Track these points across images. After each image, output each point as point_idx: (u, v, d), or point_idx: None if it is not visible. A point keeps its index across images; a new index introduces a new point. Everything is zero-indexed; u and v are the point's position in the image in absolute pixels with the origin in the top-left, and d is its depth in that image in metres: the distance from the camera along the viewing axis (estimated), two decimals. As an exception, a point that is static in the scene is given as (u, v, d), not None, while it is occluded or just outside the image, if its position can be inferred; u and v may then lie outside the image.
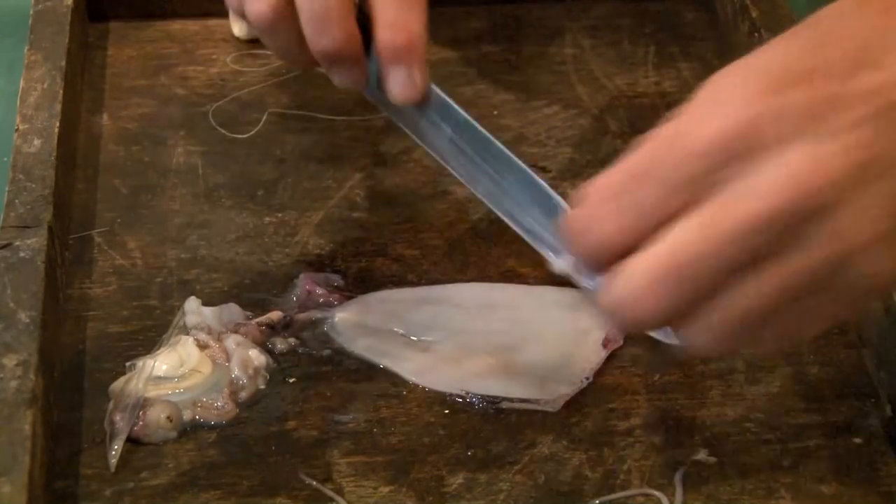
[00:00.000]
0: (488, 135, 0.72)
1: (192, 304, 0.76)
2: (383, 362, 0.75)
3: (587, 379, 0.73)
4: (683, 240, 0.57)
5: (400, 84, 0.70)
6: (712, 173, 0.57)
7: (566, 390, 0.73)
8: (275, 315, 0.77)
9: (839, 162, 0.57)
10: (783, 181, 0.56)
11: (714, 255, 0.56)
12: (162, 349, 0.74)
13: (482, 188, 0.72)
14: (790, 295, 0.58)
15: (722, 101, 0.58)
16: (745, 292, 0.58)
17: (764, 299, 0.58)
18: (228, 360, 0.73)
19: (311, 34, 0.70)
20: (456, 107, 0.72)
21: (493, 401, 0.72)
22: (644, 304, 0.57)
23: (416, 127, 0.73)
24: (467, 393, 0.73)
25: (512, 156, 0.71)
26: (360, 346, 0.76)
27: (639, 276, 0.57)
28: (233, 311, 0.76)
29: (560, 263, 0.71)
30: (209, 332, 0.75)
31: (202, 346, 0.74)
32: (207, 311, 0.76)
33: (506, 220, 0.72)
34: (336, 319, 0.77)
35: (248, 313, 0.77)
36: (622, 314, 0.58)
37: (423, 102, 0.71)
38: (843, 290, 0.59)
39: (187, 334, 0.74)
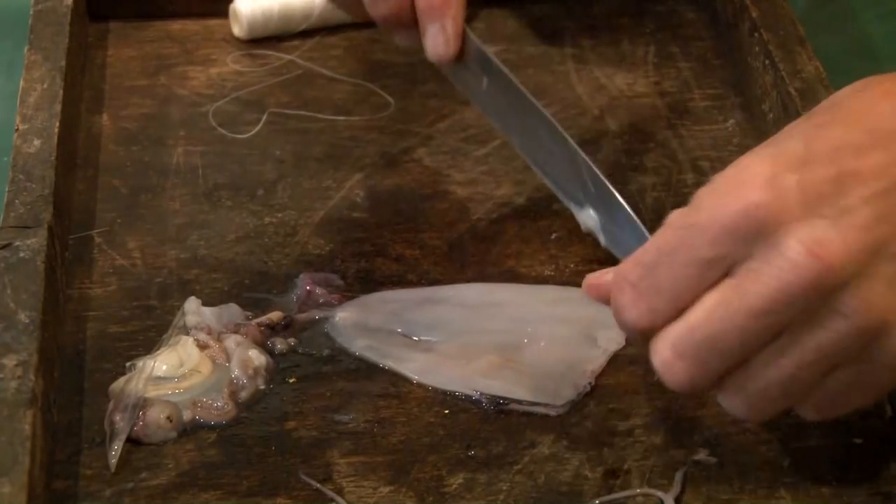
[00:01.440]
0: (522, 89, 0.77)
1: (192, 304, 0.76)
2: (386, 363, 0.75)
3: (591, 384, 0.73)
4: (704, 317, 0.59)
5: (434, 40, 0.75)
6: (734, 251, 0.59)
7: (571, 394, 0.73)
8: (275, 315, 0.77)
9: (856, 237, 0.58)
10: (801, 259, 0.58)
11: (735, 331, 0.59)
12: (162, 349, 0.74)
13: (516, 138, 0.79)
14: (821, 367, 0.60)
15: (742, 182, 0.59)
16: (774, 364, 0.60)
17: (794, 371, 0.60)
18: (228, 360, 0.73)
19: (368, 1, 0.75)
20: (494, 60, 0.77)
21: (500, 402, 0.72)
22: (674, 373, 0.61)
23: (457, 77, 0.78)
24: (475, 392, 0.73)
25: (542, 110, 0.77)
26: (360, 347, 0.76)
27: (667, 349, 0.61)
28: (233, 311, 0.76)
29: (584, 217, 0.74)
30: (209, 332, 0.75)
31: (202, 347, 0.74)
32: (207, 311, 0.76)
33: (536, 170, 0.79)
34: (336, 319, 0.77)
35: (248, 313, 0.77)
36: (662, 378, 0.62)
37: (459, 58, 0.76)
38: (881, 363, 0.60)
39: (187, 334, 0.74)
